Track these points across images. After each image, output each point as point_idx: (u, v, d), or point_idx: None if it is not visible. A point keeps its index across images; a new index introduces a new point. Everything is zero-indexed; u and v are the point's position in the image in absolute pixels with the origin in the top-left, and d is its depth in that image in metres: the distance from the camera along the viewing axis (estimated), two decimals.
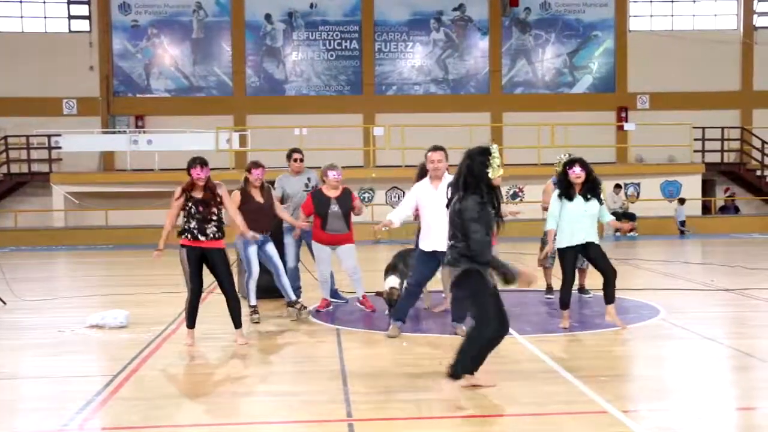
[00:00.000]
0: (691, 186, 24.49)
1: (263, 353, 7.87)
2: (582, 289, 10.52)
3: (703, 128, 26.00)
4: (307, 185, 10.09)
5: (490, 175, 5.73)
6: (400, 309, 8.38)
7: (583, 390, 6.08)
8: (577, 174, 8.42)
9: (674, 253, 17.26)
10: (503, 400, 5.91)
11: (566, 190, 8.49)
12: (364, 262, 9.78)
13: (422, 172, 9.36)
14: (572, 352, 7.49)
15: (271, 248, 9.24)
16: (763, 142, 26.33)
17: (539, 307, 9.95)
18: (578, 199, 8.42)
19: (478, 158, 5.78)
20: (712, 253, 18.26)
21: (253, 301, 9.26)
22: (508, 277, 5.61)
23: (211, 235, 7.74)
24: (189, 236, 7.73)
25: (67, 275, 16.14)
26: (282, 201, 10.05)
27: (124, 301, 10.72)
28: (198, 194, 7.79)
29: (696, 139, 25.59)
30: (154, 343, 8.12)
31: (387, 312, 9.45)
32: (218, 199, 7.81)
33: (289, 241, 10.13)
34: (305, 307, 9.37)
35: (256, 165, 9.15)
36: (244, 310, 8.66)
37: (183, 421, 5.52)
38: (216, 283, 8.00)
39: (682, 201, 23.51)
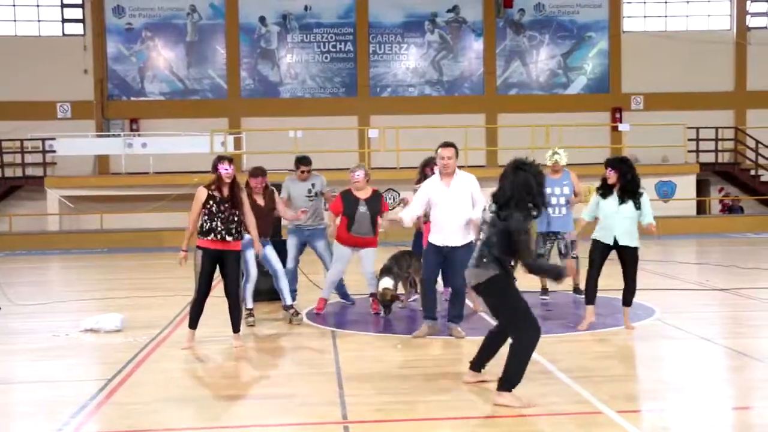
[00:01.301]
0: (686, 186, 24.50)
1: (259, 356, 7.87)
2: (576, 289, 10.53)
3: (697, 128, 26.01)
4: (310, 191, 10.05)
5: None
6: (427, 307, 8.33)
7: (579, 390, 6.08)
8: (606, 175, 8.44)
9: (669, 253, 17.27)
10: None
11: (602, 188, 8.54)
12: (358, 263, 9.76)
13: (423, 172, 9.39)
14: (567, 353, 7.49)
15: (269, 251, 9.18)
16: (757, 142, 26.36)
17: (534, 309, 9.91)
18: (612, 198, 8.40)
19: (537, 179, 5.89)
20: (707, 252, 18.29)
21: (250, 304, 9.22)
22: (560, 275, 5.88)
23: (237, 235, 7.75)
24: (213, 236, 7.68)
25: (62, 279, 16.10)
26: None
27: (119, 304, 10.70)
28: (223, 193, 7.75)
29: (690, 140, 25.60)
30: (149, 346, 8.11)
31: (382, 313, 9.46)
32: (239, 200, 7.79)
33: (290, 242, 10.12)
34: (298, 313, 9.32)
35: (257, 173, 9.06)
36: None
37: (178, 425, 5.51)
38: (217, 285, 7.98)
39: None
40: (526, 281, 11.69)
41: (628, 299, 8.53)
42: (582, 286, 10.48)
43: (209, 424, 5.63)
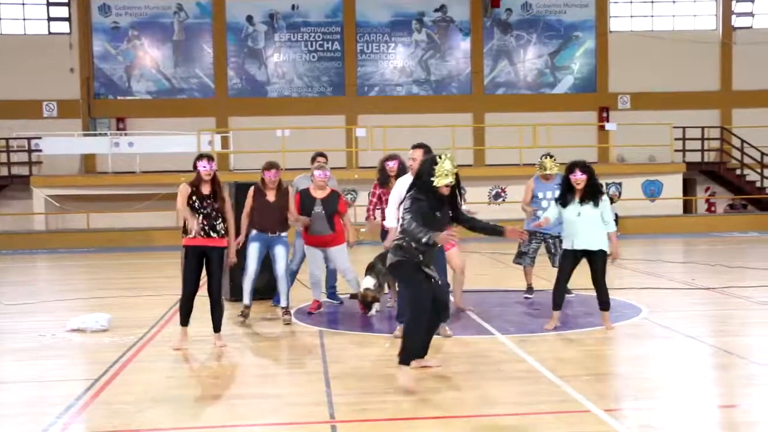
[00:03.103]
0: (672, 185, 24.61)
1: (246, 355, 7.84)
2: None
3: (684, 128, 26.15)
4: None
5: (434, 183, 6.22)
6: (402, 312, 8.20)
7: (566, 389, 6.09)
8: (576, 179, 8.30)
9: (656, 252, 17.35)
10: (485, 400, 5.91)
11: (563, 195, 8.38)
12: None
13: (383, 173, 9.33)
14: (555, 352, 7.51)
15: (279, 250, 9.09)
16: (743, 141, 26.51)
17: (521, 307, 9.96)
18: (574, 203, 8.30)
19: (426, 167, 6.33)
20: (693, 251, 18.37)
21: (247, 301, 9.17)
22: (432, 241, 6.15)
23: (221, 231, 7.70)
24: (196, 233, 7.59)
25: (48, 279, 16.02)
26: None
27: (105, 304, 10.65)
28: (204, 190, 7.71)
29: (676, 139, 25.73)
30: (136, 346, 8.08)
31: (368, 314, 9.46)
32: (221, 197, 7.73)
33: (298, 244, 10.09)
34: (289, 313, 9.28)
35: (269, 167, 9.04)
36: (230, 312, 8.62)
37: (165, 425, 5.50)
38: (204, 284, 7.92)
39: (611, 200, 23.55)
40: (514, 281, 11.71)
41: (603, 303, 8.47)
42: (570, 285, 10.52)
43: (196, 423, 5.61)
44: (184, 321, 7.89)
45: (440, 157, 6.28)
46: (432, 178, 6.24)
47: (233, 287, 10.74)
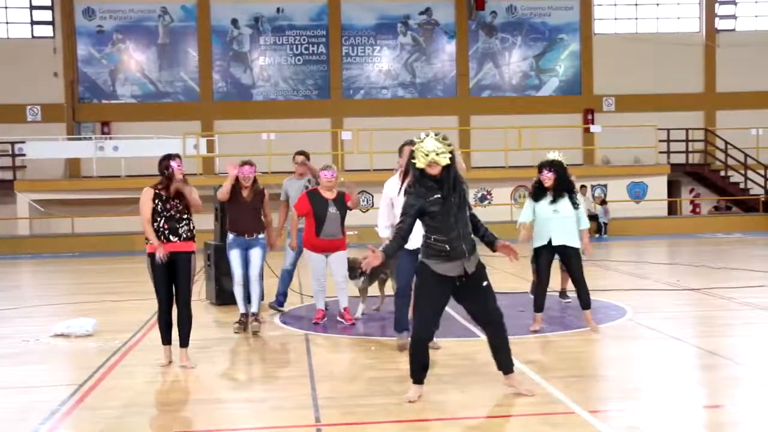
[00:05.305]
0: (657, 187, 24.73)
1: (231, 359, 7.82)
2: (562, 293, 10.50)
3: (668, 130, 26.28)
4: (306, 188, 9.83)
5: (417, 164, 5.72)
6: (400, 319, 7.93)
7: (551, 391, 6.11)
8: (544, 176, 8.46)
9: (641, 254, 17.41)
10: (471, 402, 5.92)
11: (534, 191, 8.58)
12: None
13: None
14: (540, 354, 7.52)
15: (253, 253, 8.89)
16: (727, 143, 26.66)
17: (505, 310, 9.92)
18: (545, 199, 8.44)
19: (407, 149, 6.09)
20: (678, 253, 18.45)
21: (243, 309, 8.91)
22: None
23: (184, 235, 7.22)
24: (159, 260, 7.12)
25: (32, 284, 15.93)
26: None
27: (90, 309, 10.61)
28: (169, 191, 7.25)
29: (661, 141, 25.86)
30: (121, 351, 8.04)
31: (355, 317, 9.40)
32: (187, 199, 7.25)
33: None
34: (260, 322, 9.02)
35: (244, 163, 8.90)
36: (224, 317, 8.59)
37: (150, 430, 5.47)
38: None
39: (603, 202, 23.67)
40: (499, 282, 11.71)
41: (585, 301, 8.52)
42: (568, 290, 10.50)
43: (181, 428, 5.59)
44: (166, 339, 7.36)
45: (419, 138, 5.75)
46: (413, 160, 5.73)
47: (219, 292, 10.73)
